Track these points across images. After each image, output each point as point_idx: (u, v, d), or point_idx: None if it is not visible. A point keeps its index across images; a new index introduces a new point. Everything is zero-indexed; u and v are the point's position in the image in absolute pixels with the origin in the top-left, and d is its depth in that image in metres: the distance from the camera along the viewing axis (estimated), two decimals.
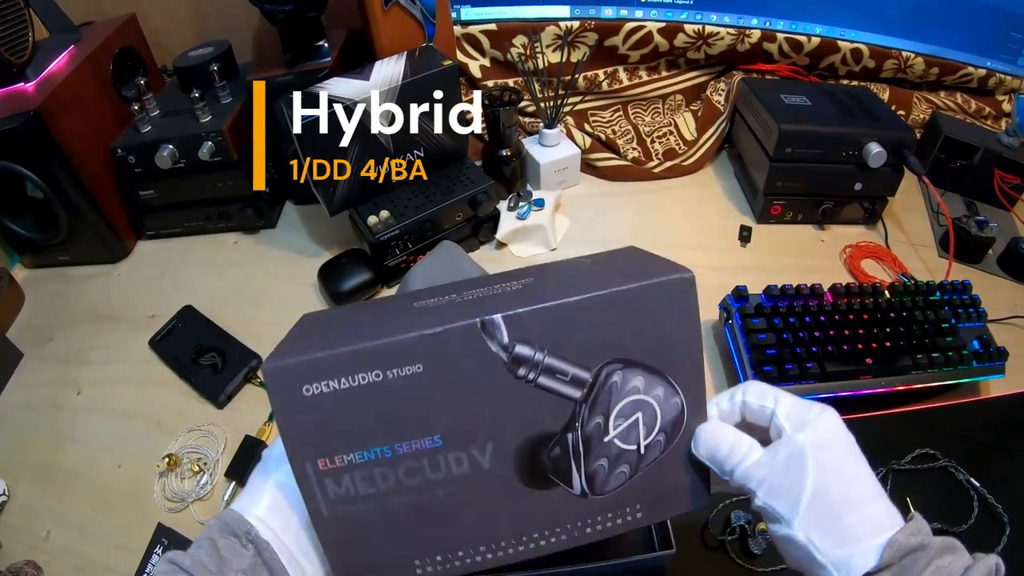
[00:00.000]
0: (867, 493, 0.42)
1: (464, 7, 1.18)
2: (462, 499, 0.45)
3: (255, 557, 0.43)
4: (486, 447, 0.44)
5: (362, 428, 0.43)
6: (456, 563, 0.45)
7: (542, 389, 0.44)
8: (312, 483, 0.43)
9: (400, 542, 0.45)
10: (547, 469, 0.45)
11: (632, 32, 1.20)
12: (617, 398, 0.45)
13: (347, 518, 0.44)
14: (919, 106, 1.24)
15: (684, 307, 0.46)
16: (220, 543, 0.43)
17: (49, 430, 0.88)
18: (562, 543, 0.47)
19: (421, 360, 0.42)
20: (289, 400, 0.42)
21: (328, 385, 0.42)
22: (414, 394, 0.43)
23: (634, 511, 0.47)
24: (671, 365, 0.46)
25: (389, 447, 0.43)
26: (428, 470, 0.44)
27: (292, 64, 1.02)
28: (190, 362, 0.91)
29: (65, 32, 1.07)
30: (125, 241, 1.11)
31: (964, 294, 0.90)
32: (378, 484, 0.43)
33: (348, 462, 0.43)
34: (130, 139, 1.03)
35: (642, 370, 0.45)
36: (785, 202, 1.08)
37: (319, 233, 1.11)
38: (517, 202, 1.06)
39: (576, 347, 0.44)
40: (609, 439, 0.45)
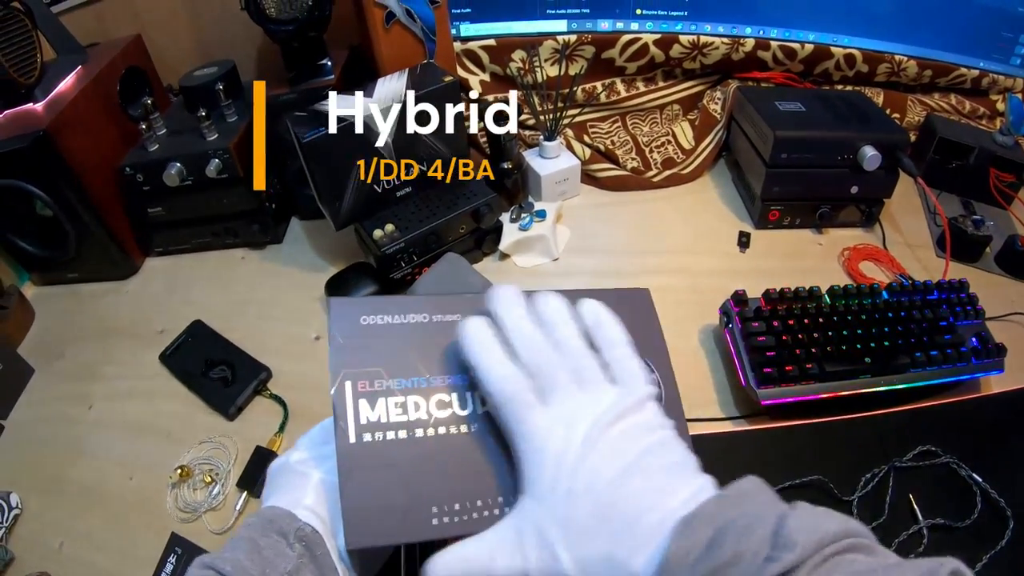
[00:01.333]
0: (634, 509, 0.37)
1: (463, 23, 1.20)
2: (485, 439, 0.47)
3: (301, 557, 0.42)
4: None
5: (404, 359, 0.47)
6: (474, 515, 0.45)
7: None
8: (347, 403, 0.45)
9: (420, 483, 0.44)
10: None
11: (628, 44, 1.22)
12: None
13: (372, 447, 0.44)
14: (914, 109, 1.26)
15: (646, 310, 0.58)
16: (262, 542, 0.42)
17: (61, 444, 0.89)
18: None
19: (460, 311, 0.49)
20: (346, 324, 0.47)
21: (383, 318, 0.48)
22: (451, 337, 0.47)
23: None
24: (643, 349, 0.51)
25: (425, 378, 0.47)
26: (457, 405, 0.47)
27: (295, 82, 1.04)
28: (200, 375, 0.92)
29: (72, 53, 1.09)
30: (134, 258, 1.13)
31: (962, 292, 0.91)
32: (410, 413, 0.46)
33: (386, 387, 0.46)
34: (138, 157, 1.04)
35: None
36: (783, 207, 1.09)
37: (325, 247, 1.12)
38: (519, 214, 1.08)
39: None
40: None
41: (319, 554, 0.43)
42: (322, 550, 0.43)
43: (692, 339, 0.94)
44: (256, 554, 0.41)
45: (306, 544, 0.43)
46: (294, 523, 0.43)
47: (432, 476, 0.45)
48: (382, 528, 0.43)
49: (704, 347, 0.93)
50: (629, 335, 0.48)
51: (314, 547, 0.43)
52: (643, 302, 0.59)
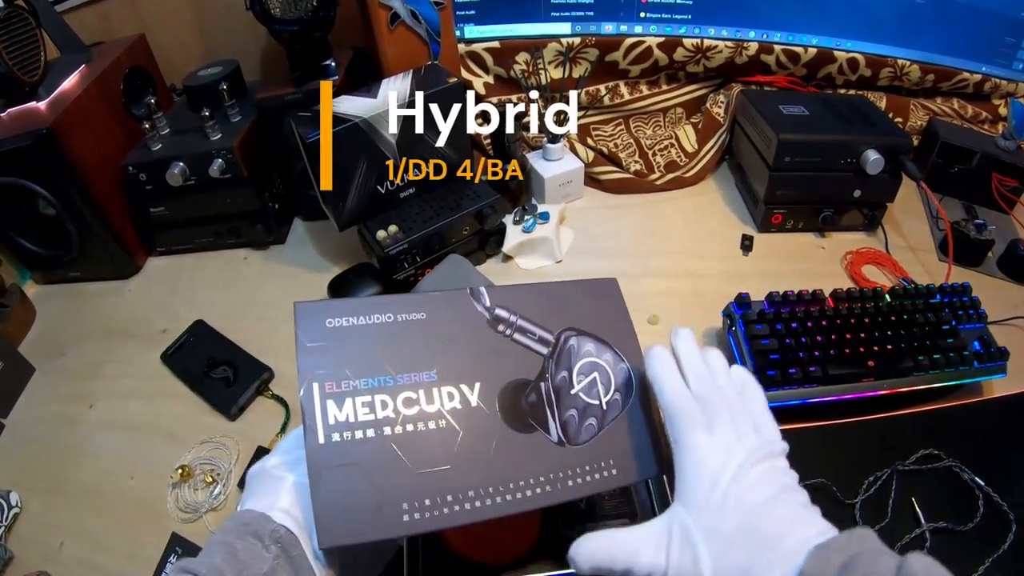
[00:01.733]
0: (778, 532, 0.42)
1: (468, 25, 1.21)
2: (453, 434, 0.49)
3: (277, 558, 0.43)
4: (474, 384, 0.51)
5: (370, 359, 0.49)
6: (444, 509, 0.46)
7: (517, 344, 0.54)
8: (315, 405, 0.46)
9: (390, 480, 0.46)
10: (526, 413, 0.52)
11: (632, 47, 1.23)
12: (576, 358, 0.55)
13: (341, 447, 0.46)
14: (916, 113, 1.26)
15: (613, 298, 0.61)
16: (238, 545, 0.43)
17: (62, 443, 0.89)
18: (547, 495, 0.50)
19: (424, 310, 0.52)
20: (312, 328, 0.49)
21: (348, 320, 0.50)
22: (416, 336, 0.51)
23: (608, 467, 0.52)
24: (614, 339, 0.58)
25: (391, 377, 0.49)
26: (424, 401, 0.49)
27: (300, 83, 1.04)
28: (202, 375, 0.92)
29: (76, 52, 1.09)
30: (136, 257, 1.13)
31: (964, 296, 0.91)
32: (377, 412, 0.47)
33: (353, 387, 0.47)
34: (141, 157, 1.04)
35: (592, 339, 0.57)
36: (785, 211, 1.09)
37: (328, 248, 1.12)
38: (522, 216, 1.08)
39: (540, 315, 0.56)
40: (575, 392, 0.54)
41: (295, 555, 0.44)
42: (297, 551, 0.44)
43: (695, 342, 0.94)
44: (232, 557, 0.42)
45: (281, 545, 0.43)
46: (269, 525, 0.44)
47: (401, 473, 0.46)
48: (354, 526, 0.44)
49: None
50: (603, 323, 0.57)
51: (289, 548, 0.44)
52: (611, 292, 0.61)
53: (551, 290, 0.59)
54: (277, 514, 0.45)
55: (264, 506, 0.46)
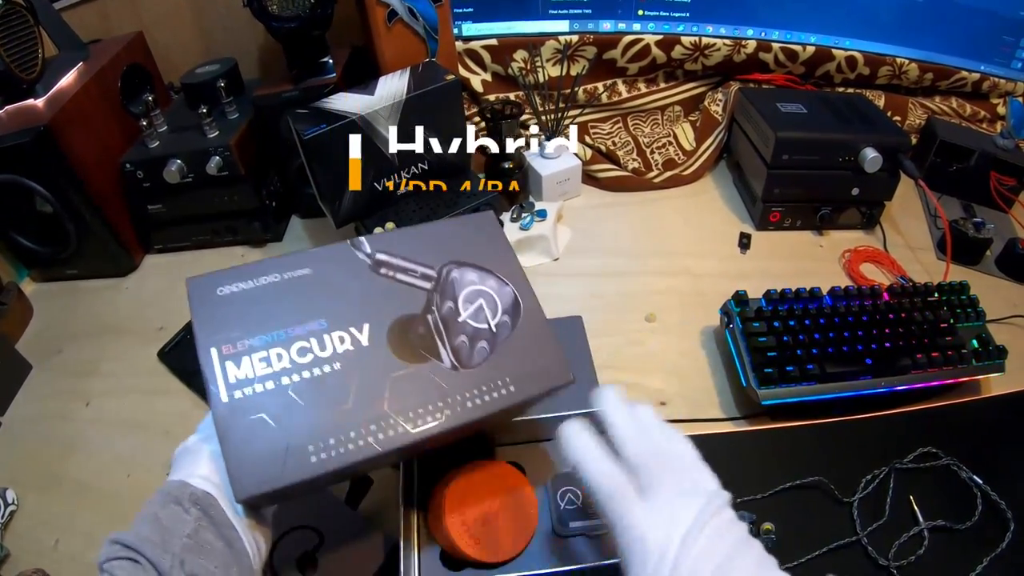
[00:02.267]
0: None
1: (465, 23, 1.20)
2: (349, 374, 0.51)
3: (199, 520, 0.45)
4: (363, 327, 0.53)
5: (261, 317, 0.51)
6: (350, 446, 0.48)
7: (401, 283, 0.57)
8: (215, 367, 0.48)
9: (293, 425, 0.48)
10: (417, 346, 0.54)
11: (630, 45, 1.22)
12: (459, 287, 0.58)
13: (244, 402, 0.47)
14: (915, 111, 1.26)
15: (491, 229, 0.64)
16: (161, 514, 0.45)
17: (58, 441, 0.88)
18: (448, 419, 0.52)
19: (309, 265, 0.55)
20: (204, 299, 0.51)
21: (237, 286, 0.52)
22: (304, 289, 0.54)
23: (506, 384, 0.55)
24: (495, 266, 0.60)
25: (283, 331, 0.51)
26: (317, 348, 0.51)
27: (297, 80, 1.04)
28: (198, 373, 0.91)
29: (74, 49, 1.09)
30: (133, 255, 1.12)
31: (962, 294, 0.91)
32: (274, 364, 0.49)
33: (248, 346, 0.49)
34: (138, 154, 1.04)
35: (473, 268, 0.60)
36: (784, 209, 1.09)
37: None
38: (520, 213, 1.08)
39: (421, 254, 0.58)
40: (463, 319, 0.56)
41: (214, 514, 0.46)
42: (216, 510, 0.46)
43: (693, 340, 0.94)
44: (157, 524, 0.44)
45: (201, 507, 0.45)
46: (187, 489, 0.46)
47: (303, 418, 0.48)
48: (266, 474, 0.46)
49: (705, 348, 0.93)
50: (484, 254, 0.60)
51: (208, 508, 0.46)
52: (488, 223, 0.64)
53: (429, 231, 0.62)
54: (195, 480, 0.47)
55: (183, 476, 0.48)
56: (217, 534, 0.46)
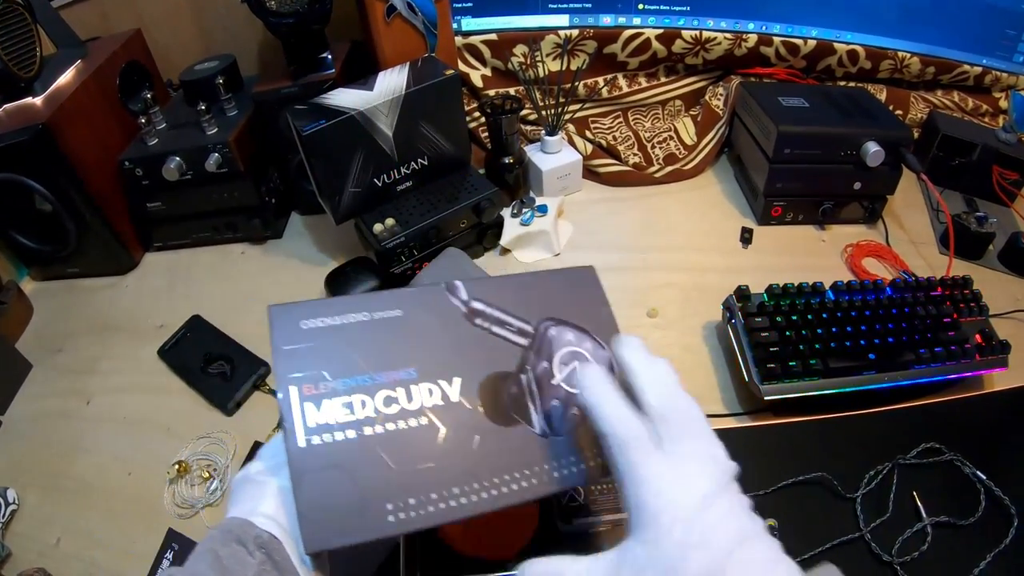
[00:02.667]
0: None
1: (465, 18, 1.20)
2: (435, 431, 0.48)
3: (263, 564, 0.42)
4: (454, 380, 0.50)
5: (347, 359, 0.48)
6: (430, 507, 0.45)
7: (496, 336, 0.53)
8: (294, 408, 0.46)
9: (372, 480, 0.45)
10: (508, 407, 0.51)
11: (630, 39, 1.22)
12: (556, 347, 0.54)
13: (321, 449, 0.45)
14: (916, 105, 1.25)
15: (591, 286, 0.60)
16: (222, 553, 0.42)
17: (59, 439, 0.88)
18: (533, 488, 0.49)
19: (400, 306, 0.52)
20: (287, 331, 0.48)
21: (323, 321, 0.49)
22: (394, 333, 0.50)
23: (595, 456, 0.51)
24: (593, 326, 0.56)
25: (370, 376, 0.48)
26: (404, 399, 0.48)
27: (296, 76, 1.03)
28: (199, 371, 0.92)
29: (72, 47, 1.09)
30: (133, 253, 1.12)
31: (965, 289, 0.91)
32: (356, 412, 0.47)
33: (331, 388, 0.47)
34: (137, 152, 1.04)
35: (571, 328, 0.56)
36: (785, 203, 1.08)
37: (325, 242, 1.12)
38: (520, 208, 1.07)
39: (518, 306, 0.55)
40: (556, 381, 0.53)
41: (279, 560, 0.43)
42: (282, 555, 0.43)
43: (695, 335, 0.93)
44: (217, 564, 0.41)
45: (266, 551, 0.43)
46: (252, 530, 0.43)
47: (383, 472, 0.45)
48: (338, 529, 0.43)
49: (707, 343, 0.92)
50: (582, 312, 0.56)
51: (273, 553, 0.43)
52: (589, 280, 0.60)
53: (528, 281, 0.58)
54: (260, 519, 0.44)
55: (247, 512, 0.45)
56: None
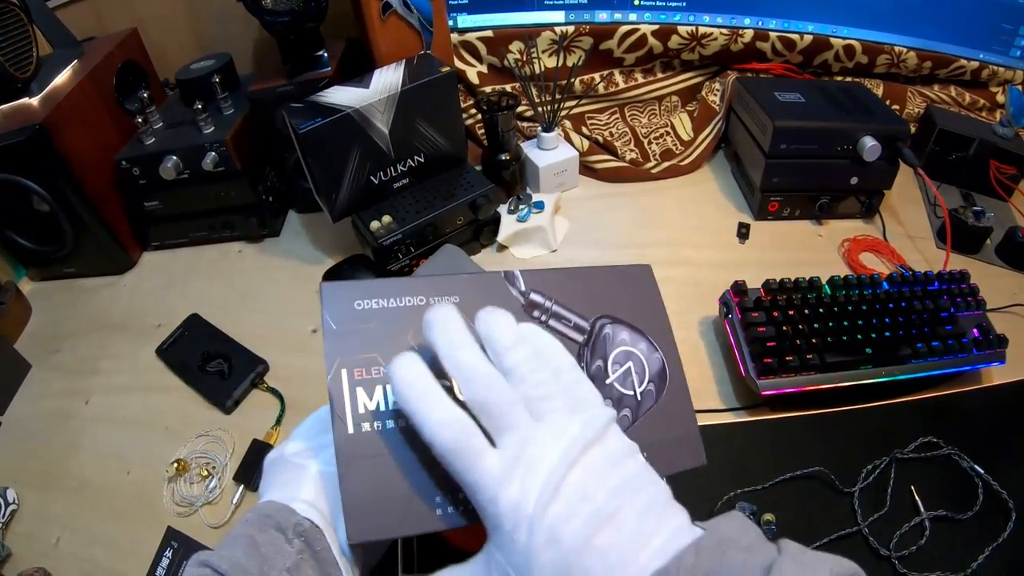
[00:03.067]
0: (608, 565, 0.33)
1: (461, 15, 1.20)
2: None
3: (301, 553, 0.41)
4: None
5: (402, 344, 0.45)
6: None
7: (552, 330, 0.51)
8: (344, 391, 0.43)
9: (422, 473, 0.43)
10: None
11: (626, 35, 1.22)
12: (611, 346, 0.53)
13: (371, 437, 0.43)
14: (913, 100, 1.25)
15: (647, 285, 0.57)
16: (259, 539, 0.40)
17: (58, 439, 0.88)
18: None
19: (458, 293, 0.49)
20: (339, 310, 0.46)
21: (378, 302, 0.47)
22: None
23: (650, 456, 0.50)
24: (647, 328, 0.55)
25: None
26: (458, 389, 0.44)
27: (292, 74, 1.03)
28: (197, 369, 0.92)
29: (68, 47, 1.09)
30: (130, 252, 1.12)
31: (962, 283, 0.91)
32: None
33: (384, 374, 0.44)
34: (134, 151, 1.04)
35: (626, 327, 0.54)
36: (782, 198, 1.08)
37: (322, 240, 1.12)
38: (517, 205, 1.07)
39: (575, 301, 0.52)
40: (610, 382, 0.51)
41: (319, 549, 0.41)
42: (322, 545, 0.41)
43: (692, 330, 0.94)
44: (254, 551, 0.40)
45: (305, 539, 0.41)
46: (292, 517, 0.41)
47: (435, 465, 0.43)
48: (385, 521, 0.41)
49: (704, 338, 0.92)
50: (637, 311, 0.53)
51: (314, 542, 0.41)
52: (645, 279, 0.58)
53: (585, 275, 0.56)
54: (300, 506, 0.43)
55: (286, 497, 0.43)
56: (320, 571, 0.41)
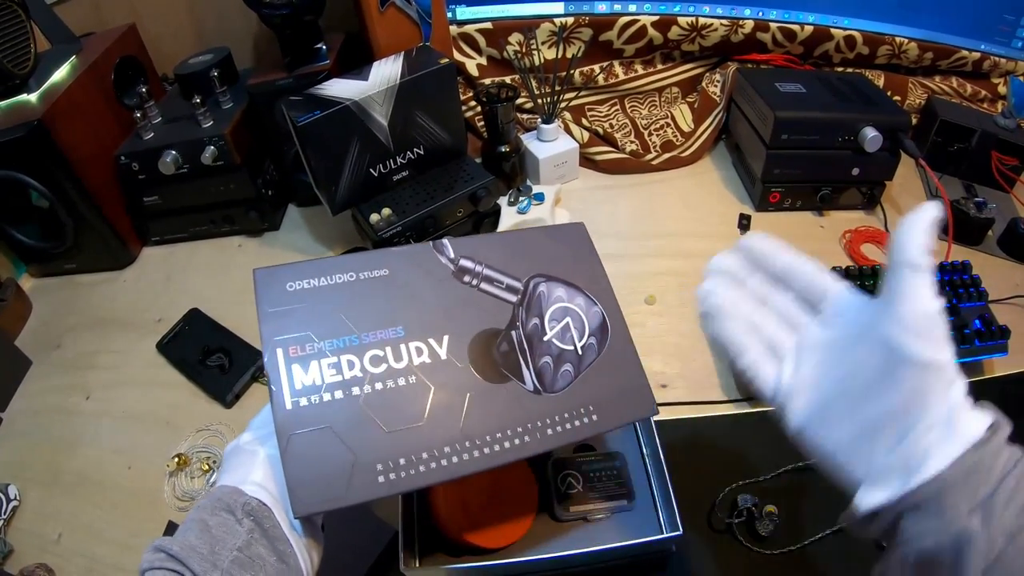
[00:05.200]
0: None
1: (460, 7, 1.19)
2: (424, 389, 0.48)
3: (251, 532, 0.42)
4: (443, 338, 0.50)
5: (334, 319, 0.48)
6: (421, 467, 0.45)
7: (485, 293, 0.53)
8: (280, 370, 0.46)
9: (362, 442, 0.45)
10: (499, 363, 0.51)
11: (626, 26, 1.21)
12: (547, 304, 0.55)
13: (309, 411, 0.45)
14: (915, 91, 1.25)
15: (581, 242, 0.61)
16: (211, 521, 0.42)
17: (59, 435, 0.88)
18: (526, 446, 0.49)
19: (388, 266, 0.52)
20: (272, 293, 0.48)
21: (309, 283, 0.49)
22: (381, 292, 0.50)
23: (588, 413, 0.52)
24: (584, 282, 0.57)
25: (357, 336, 0.48)
26: (391, 358, 0.48)
27: (291, 68, 1.03)
28: (197, 363, 0.92)
29: (67, 43, 1.09)
30: (131, 247, 1.12)
31: (964, 274, 0.90)
32: (344, 372, 0.47)
33: (318, 349, 0.47)
34: (133, 146, 1.03)
35: (562, 284, 0.56)
36: (783, 189, 1.08)
37: (322, 233, 1.12)
38: (517, 197, 1.07)
39: (507, 263, 0.55)
40: (548, 338, 0.53)
41: (268, 527, 0.43)
42: (271, 522, 0.43)
43: (694, 322, 0.92)
44: (206, 533, 0.41)
45: (254, 518, 0.43)
46: (240, 498, 0.43)
47: (373, 433, 0.45)
48: (328, 492, 0.43)
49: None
50: (572, 268, 0.57)
51: (262, 520, 0.43)
52: (579, 235, 0.61)
53: (517, 237, 0.58)
54: (250, 487, 0.44)
55: (236, 480, 0.45)
56: (270, 548, 0.43)
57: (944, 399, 0.37)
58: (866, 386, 0.39)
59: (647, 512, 0.69)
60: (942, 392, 0.37)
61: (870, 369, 0.39)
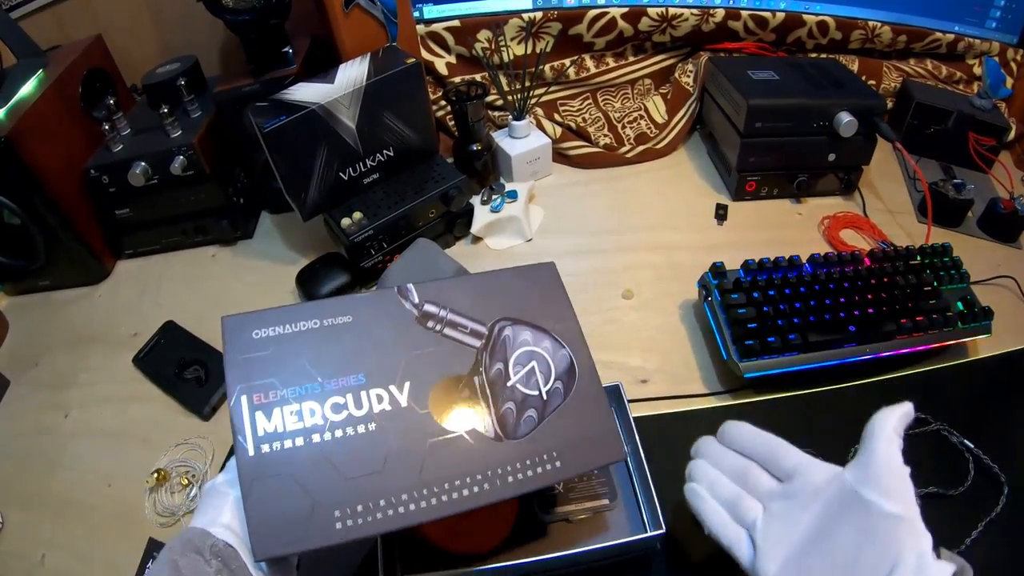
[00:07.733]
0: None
1: (426, 5, 1.18)
2: (384, 437, 0.48)
3: (220, 571, 0.44)
4: (404, 385, 0.51)
5: (297, 367, 0.49)
6: (378, 515, 0.46)
7: (448, 339, 0.54)
8: (244, 417, 0.47)
9: (321, 488, 0.46)
10: (460, 411, 0.51)
11: (596, 19, 1.20)
12: (512, 348, 0.55)
13: (271, 458, 0.46)
14: (889, 75, 1.24)
15: (551, 282, 0.60)
16: (182, 562, 0.43)
17: (39, 455, 0.87)
18: (485, 493, 0.49)
19: (351, 312, 0.53)
20: (239, 341, 0.50)
21: (274, 330, 0.50)
22: (344, 339, 0.51)
23: (552, 460, 0.52)
24: (552, 324, 0.57)
25: (319, 384, 0.49)
26: (352, 406, 0.49)
27: (257, 74, 1.02)
28: (174, 376, 0.91)
29: (32, 57, 1.07)
30: (104, 262, 1.10)
31: (945, 257, 0.90)
32: (305, 420, 0.48)
33: (281, 396, 0.48)
34: (102, 159, 1.02)
35: (528, 327, 0.56)
36: (759, 178, 1.07)
37: (296, 240, 1.11)
38: (490, 195, 1.06)
39: (473, 307, 0.55)
40: (512, 384, 0.53)
41: (235, 567, 0.44)
42: (238, 563, 0.45)
43: (672, 315, 0.93)
44: (176, 573, 0.43)
45: (222, 559, 0.44)
46: (208, 540, 0.45)
47: (332, 480, 0.46)
48: (287, 536, 0.45)
49: (685, 323, 0.92)
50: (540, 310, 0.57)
51: (229, 561, 0.44)
52: (548, 276, 0.60)
53: (485, 279, 0.59)
54: (218, 529, 0.46)
55: (206, 522, 0.47)
56: None
57: (914, 548, 0.43)
58: (842, 544, 0.45)
59: (630, 511, 0.69)
60: (913, 544, 0.43)
61: (845, 527, 0.46)
